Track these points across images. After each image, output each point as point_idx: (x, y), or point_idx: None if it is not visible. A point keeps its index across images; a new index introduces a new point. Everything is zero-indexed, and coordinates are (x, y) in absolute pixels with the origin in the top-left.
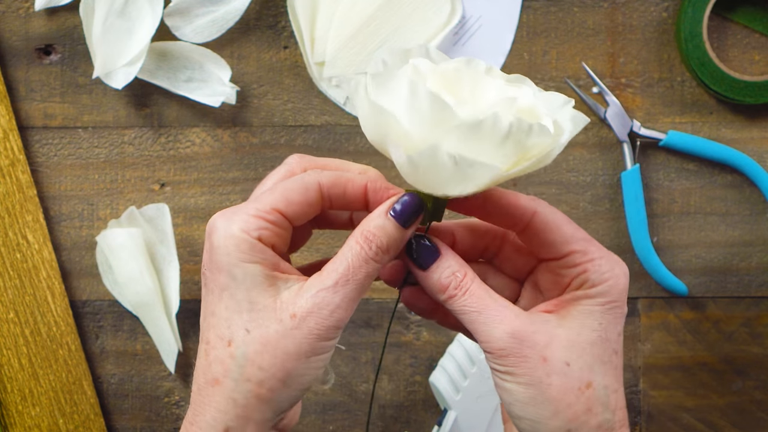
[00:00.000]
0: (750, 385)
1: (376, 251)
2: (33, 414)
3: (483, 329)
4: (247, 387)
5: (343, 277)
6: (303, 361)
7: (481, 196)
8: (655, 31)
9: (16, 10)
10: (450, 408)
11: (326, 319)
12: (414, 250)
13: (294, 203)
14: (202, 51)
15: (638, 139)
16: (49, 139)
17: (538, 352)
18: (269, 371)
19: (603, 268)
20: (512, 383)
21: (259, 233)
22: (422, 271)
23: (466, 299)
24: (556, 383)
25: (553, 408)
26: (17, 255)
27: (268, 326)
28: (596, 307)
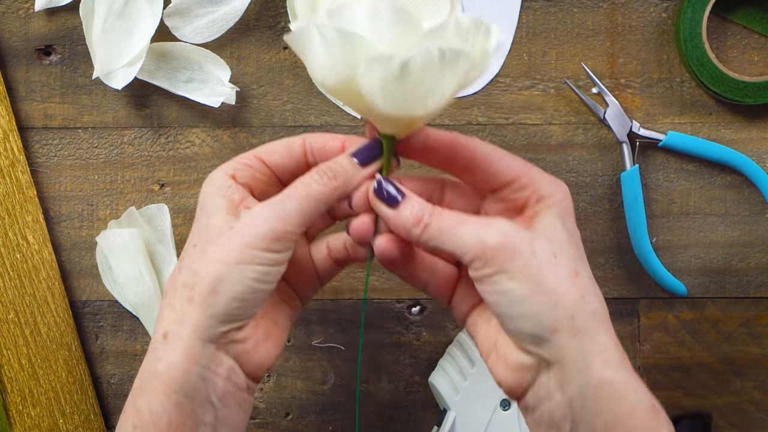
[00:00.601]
0: (749, 385)
1: (322, 174)
2: (33, 414)
3: (470, 239)
4: (182, 292)
5: (284, 195)
6: (233, 267)
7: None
8: (655, 31)
9: (16, 10)
10: (449, 408)
11: (258, 227)
12: (384, 190)
13: (275, 152)
14: (201, 51)
15: (637, 139)
16: (49, 140)
17: (527, 246)
18: (200, 275)
19: (549, 183)
20: (508, 282)
21: (234, 172)
22: (393, 210)
23: (442, 221)
24: (550, 273)
25: (553, 297)
26: (17, 255)
27: (210, 239)
28: (557, 213)
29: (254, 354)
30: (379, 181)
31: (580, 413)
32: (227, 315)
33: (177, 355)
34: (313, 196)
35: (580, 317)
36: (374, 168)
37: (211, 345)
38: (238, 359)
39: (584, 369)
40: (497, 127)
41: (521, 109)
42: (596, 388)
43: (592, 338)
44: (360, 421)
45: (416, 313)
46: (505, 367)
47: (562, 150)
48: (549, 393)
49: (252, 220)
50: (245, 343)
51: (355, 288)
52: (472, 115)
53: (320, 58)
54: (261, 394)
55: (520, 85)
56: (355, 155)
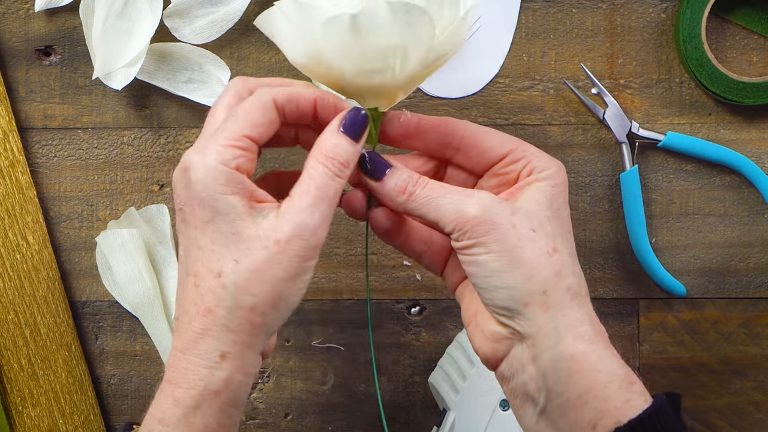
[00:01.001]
0: (748, 385)
1: (339, 167)
2: (33, 414)
3: (451, 208)
4: (241, 314)
5: (317, 198)
6: (291, 283)
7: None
8: (654, 32)
9: (15, 11)
10: (449, 408)
11: (308, 240)
12: (368, 163)
13: (258, 125)
14: (201, 52)
15: (637, 140)
16: (49, 140)
17: (506, 219)
18: (260, 297)
19: (543, 158)
20: (485, 254)
21: (236, 163)
22: (378, 181)
23: (427, 190)
24: (527, 247)
25: (527, 271)
26: (17, 256)
27: (255, 255)
28: (546, 187)
29: (271, 345)
30: (362, 156)
31: (553, 386)
32: (279, 325)
33: (235, 373)
34: (339, 190)
35: (553, 292)
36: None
37: (260, 355)
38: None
39: (557, 343)
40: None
41: (521, 110)
42: (568, 362)
43: (566, 313)
44: (359, 421)
45: (416, 313)
46: (482, 337)
47: (562, 150)
48: (523, 365)
49: (299, 232)
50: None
51: (355, 288)
52: (472, 116)
53: (287, 36)
54: (261, 394)
55: (519, 86)
56: (346, 131)
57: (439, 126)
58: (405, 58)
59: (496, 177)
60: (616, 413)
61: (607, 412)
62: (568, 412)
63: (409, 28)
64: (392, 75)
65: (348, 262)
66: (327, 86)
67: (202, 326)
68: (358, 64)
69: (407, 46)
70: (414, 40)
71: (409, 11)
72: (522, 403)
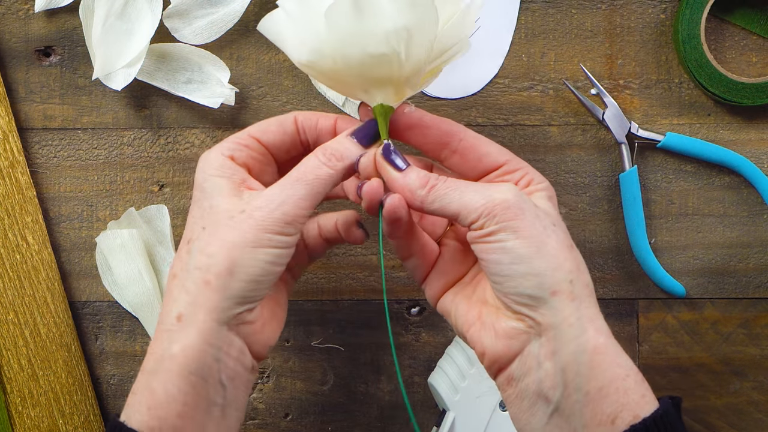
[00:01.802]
0: (748, 386)
1: (330, 158)
2: (33, 415)
3: (478, 196)
4: (196, 274)
5: (294, 179)
6: (248, 251)
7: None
8: (653, 32)
9: (15, 11)
10: (449, 409)
11: (272, 211)
12: (391, 153)
13: (269, 131)
14: (201, 52)
15: (636, 140)
16: (49, 141)
17: (533, 208)
18: (215, 258)
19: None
20: (514, 240)
21: (231, 153)
22: (400, 172)
23: (449, 183)
24: (552, 238)
25: (555, 260)
26: (17, 256)
27: (220, 221)
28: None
29: (262, 334)
30: (386, 145)
31: (573, 380)
32: (243, 297)
33: (192, 336)
34: (322, 178)
35: (578, 284)
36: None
37: (225, 326)
38: (247, 340)
39: (581, 334)
40: (496, 128)
41: (520, 110)
42: (591, 354)
43: (588, 305)
44: (359, 421)
45: (415, 313)
46: (492, 336)
47: (561, 151)
48: (539, 362)
49: (265, 204)
50: (255, 324)
51: (355, 289)
52: (471, 116)
53: (290, 35)
54: (261, 394)
55: (519, 86)
56: (355, 135)
57: (441, 124)
58: (409, 43)
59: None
60: (634, 407)
61: (627, 405)
62: (586, 408)
63: (412, 8)
64: (398, 62)
65: (348, 263)
66: (333, 87)
67: (167, 291)
68: (363, 50)
69: (411, 28)
70: (417, 23)
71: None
72: (531, 405)
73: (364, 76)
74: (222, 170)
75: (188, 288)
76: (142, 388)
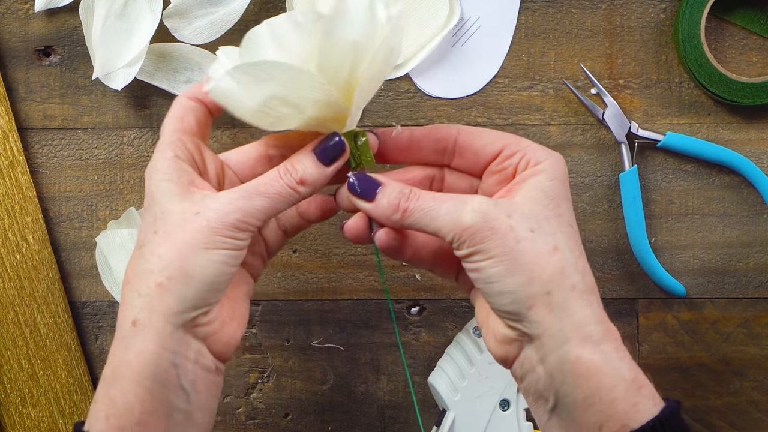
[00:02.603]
0: (748, 385)
1: (290, 178)
2: (32, 415)
3: (448, 218)
4: (149, 277)
5: (250, 190)
6: (200, 252)
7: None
8: (653, 32)
9: (15, 11)
10: (448, 408)
11: (227, 214)
12: (357, 186)
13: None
14: (201, 52)
15: (636, 140)
16: (49, 140)
17: (504, 223)
18: (165, 258)
19: (539, 151)
20: (486, 260)
21: (173, 151)
22: (371, 203)
23: (420, 203)
24: (527, 248)
25: (528, 274)
26: (17, 256)
27: (172, 223)
28: (544, 181)
29: (221, 334)
30: (349, 179)
31: (560, 387)
32: (198, 299)
33: (147, 342)
34: (281, 195)
35: (557, 292)
36: (337, 166)
37: (181, 329)
38: (205, 341)
39: (562, 345)
40: (496, 128)
41: (520, 110)
42: (574, 364)
43: (571, 313)
44: (359, 421)
45: (415, 313)
46: (493, 340)
47: (561, 150)
48: (532, 366)
49: (220, 207)
50: (212, 325)
51: (354, 289)
52: (471, 116)
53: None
54: (260, 394)
55: (518, 86)
56: (318, 154)
57: (431, 134)
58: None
59: (494, 174)
60: (623, 417)
61: (613, 416)
62: (575, 413)
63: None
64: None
65: (347, 262)
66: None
67: (122, 299)
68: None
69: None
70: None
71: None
72: (535, 401)
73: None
74: (168, 173)
75: (142, 292)
76: (102, 396)
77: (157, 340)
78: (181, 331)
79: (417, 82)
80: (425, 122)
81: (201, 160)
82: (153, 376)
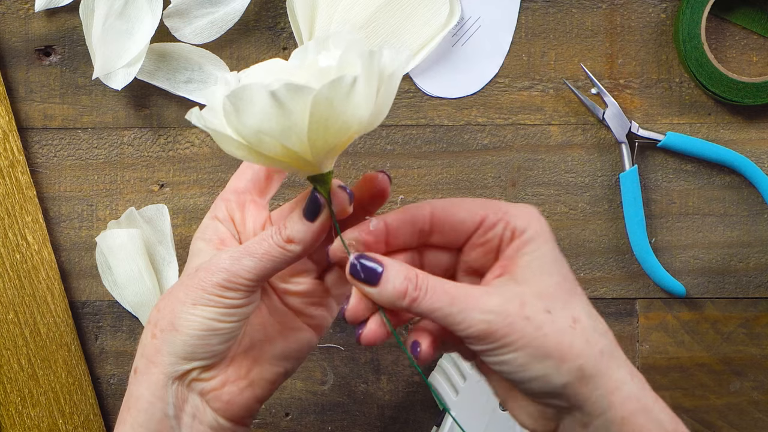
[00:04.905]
0: (748, 385)
1: (277, 231)
2: (32, 414)
3: (460, 319)
4: (148, 329)
5: (244, 248)
6: (188, 307)
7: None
8: (654, 32)
9: (16, 11)
10: (449, 408)
11: (213, 274)
12: (359, 271)
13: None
14: (201, 52)
15: (636, 140)
16: (49, 140)
17: (518, 315)
18: (162, 313)
19: (519, 214)
20: (510, 353)
21: (215, 212)
22: (375, 288)
23: (430, 297)
24: (548, 332)
25: (557, 356)
26: (17, 256)
27: (181, 279)
28: (538, 250)
29: (221, 393)
30: (352, 263)
31: None
32: (187, 353)
33: (143, 390)
34: (270, 255)
35: (588, 363)
36: (322, 219)
37: (177, 382)
38: (203, 397)
39: (606, 410)
40: (496, 128)
41: (520, 110)
42: (620, 426)
43: (607, 379)
44: (359, 421)
45: None
46: (528, 417)
47: (561, 150)
48: (575, 430)
49: (210, 266)
50: (210, 382)
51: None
52: (471, 116)
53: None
54: None
55: (519, 86)
56: (303, 210)
57: (405, 217)
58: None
59: (478, 248)
60: None
61: None
62: None
63: None
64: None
65: None
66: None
67: None
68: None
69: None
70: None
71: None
72: None
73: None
74: (204, 233)
75: (142, 342)
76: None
77: (151, 389)
78: (177, 384)
79: (417, 82)
80: (425, 122)
81: (241, 218)
82: (146, 423)
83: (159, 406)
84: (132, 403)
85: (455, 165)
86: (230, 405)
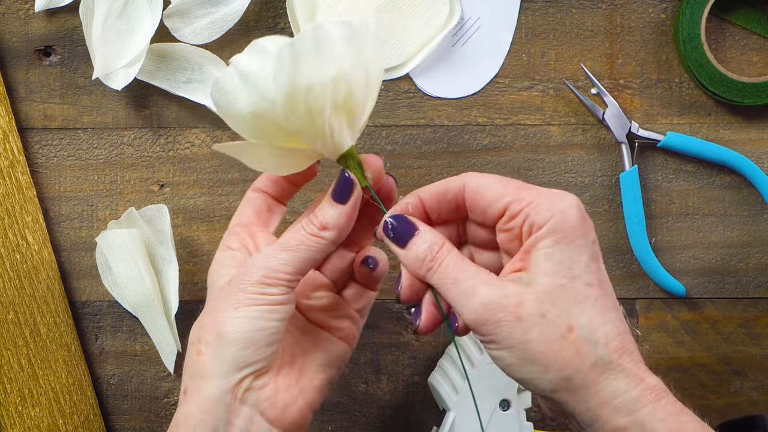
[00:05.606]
0: (748, 385)
1: (309, 221)
2: (32, 414)
3: (458, 302)
4: (192, 348)
5: (278, 245)
6: (230, 312)
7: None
8: (654, 32)
9: (16, 11)
10: (449, 409)
11: (251, 274)
12: (391, 229)
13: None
14: (201, 52)
15: (636, 140)
16: (49, 140)
17: (511, 314)
18: (205, 328)
19: (542, 207)
20: (497, 350)
21: (228, 244)
22: (402, 249)
23: (442, 271)
24: (536, 338)
25: (542, 363)
26: (17, 256)
27: (212, 297)
28: (551, 247)
29: (276, 400)
30: (385, 222)
31: None
32: (237, 359)
33: (192, 408)
34: (305, 245)
35: (576, 376)
36: (354, 199)
37: (229, 395)
38: (257, 407)
39: (595, 421)
40: (496, 128)
41: (520, 110)
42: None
43: (597, 391)
44: (359, 421)
45: None
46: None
47: (561, 150)
48: None
49: (246, 268)
50: (263, 390)
51: None
52: (471, 116)
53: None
54: None
55: (519, 86)
56: (333, 194)
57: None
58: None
59: (504, 233)
60: None
61: None
62: None
63: None
64: None
65: None
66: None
67: None
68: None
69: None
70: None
71: None
72: None
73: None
74: (221, 262)
75: (187, 364)
76: None
77: (201, 407)
78: (229, 397)
79: (417, 82)
80: (425, 122)
81: (254, 245)
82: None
83: (209, 422)
84: (180, 421)
85: (455, 165)
86: (285, 413)
